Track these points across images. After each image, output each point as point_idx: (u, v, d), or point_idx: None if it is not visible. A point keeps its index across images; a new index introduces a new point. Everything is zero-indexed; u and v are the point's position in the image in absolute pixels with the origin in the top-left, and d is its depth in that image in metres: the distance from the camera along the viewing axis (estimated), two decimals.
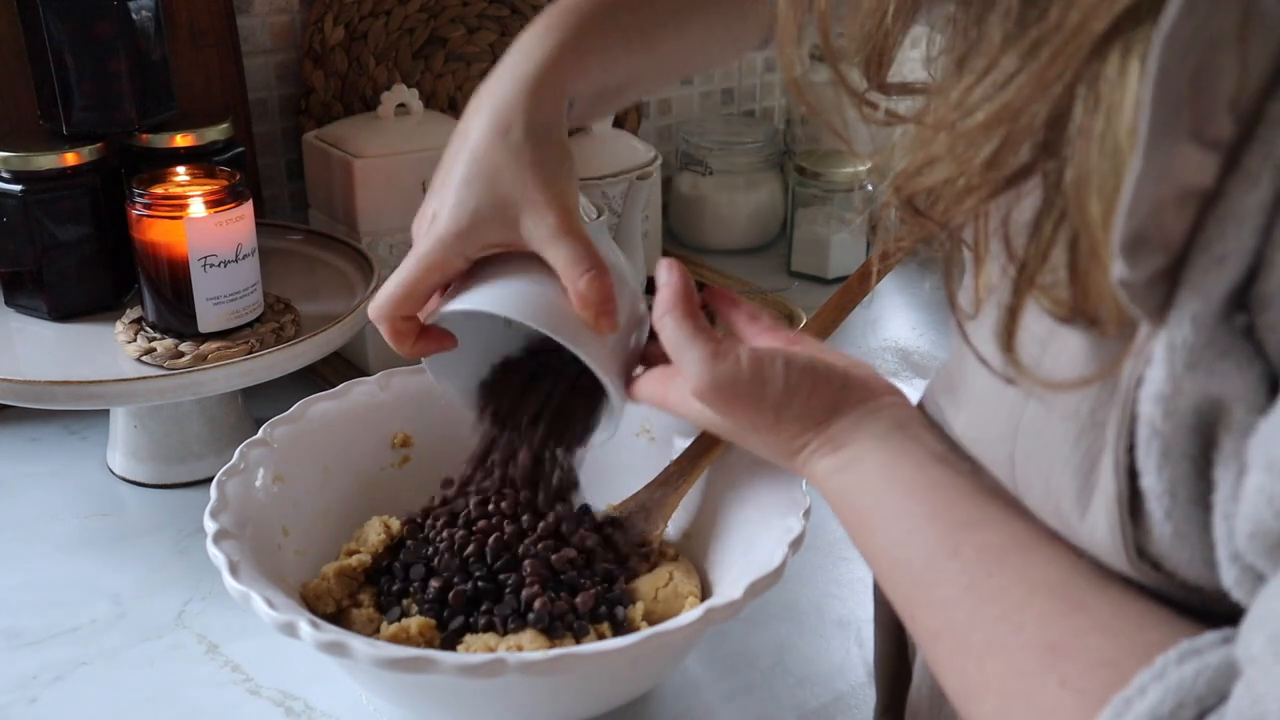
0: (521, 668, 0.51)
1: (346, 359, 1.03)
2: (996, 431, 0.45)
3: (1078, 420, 0.39)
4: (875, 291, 1.25)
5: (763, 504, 0.65)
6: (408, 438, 0.74)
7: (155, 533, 0.83)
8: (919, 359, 1.11)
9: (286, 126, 1.14)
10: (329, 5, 1.10)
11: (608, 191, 1.09)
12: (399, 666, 0.51)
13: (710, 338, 0.52)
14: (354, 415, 0.72)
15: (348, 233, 0.99)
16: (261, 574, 0.58)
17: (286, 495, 0.67)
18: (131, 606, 0.76)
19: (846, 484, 0.49)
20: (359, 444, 0.72)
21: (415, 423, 0.74)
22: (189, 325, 0.84)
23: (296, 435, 0.69)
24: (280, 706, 0.67)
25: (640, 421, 0.72)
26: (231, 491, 0.63)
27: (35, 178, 0.87)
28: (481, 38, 1.19)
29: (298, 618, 0.53)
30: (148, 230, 0.82)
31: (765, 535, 0.62)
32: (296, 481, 0.68)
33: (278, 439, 0.68)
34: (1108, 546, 0.38)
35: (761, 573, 0.57)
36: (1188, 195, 0.32)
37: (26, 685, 0.69)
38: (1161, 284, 0.33)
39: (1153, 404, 0.34)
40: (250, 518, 0.63)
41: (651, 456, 0.72)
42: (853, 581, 0.79)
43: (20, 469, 0.91)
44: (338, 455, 0.71)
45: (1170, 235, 0.32)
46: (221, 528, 0.60)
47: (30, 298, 0.91)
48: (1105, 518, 0.37)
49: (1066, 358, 0.39)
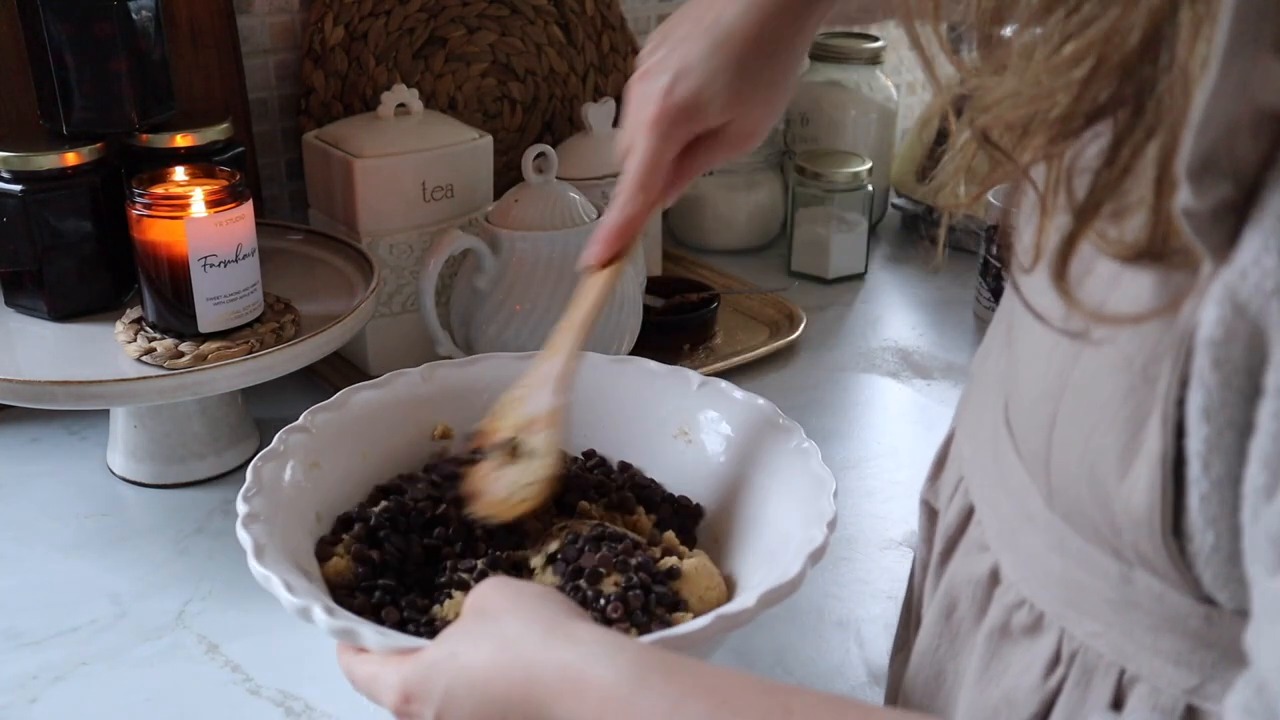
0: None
1: (346, 359, 1.03)
2: (1040, 390, 0.42)
3: (1129, 373, 0.36)
4: (875, 291, 1.25)
5: (788, 511, 0.64)
6: (449, 429, 0.74)
7: (155, 533, 0.83)
8: (919, 359, 1.11)
9: (286, 126, 1.14)
10: (329, 5, 1.09)
11: (608, 191, 1.09)
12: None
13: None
14: (395, 405, 0.72)
15: (348, 233, 0.99)
16: (285, 558, 0.58)
17: (322, 481, 0.67)
18: (131, 606, 0.76)
19: (613, 670, 0.43)
20: (399, 434, 0.72)
21: (457, 415, 0.74)
22: (189, 325, 0.84)
23: (337, 423, 0.69)
24: (280, 706, 0.67)
25: (679, 424, 0.73)
26: (267, 475, 0.63)
27: (35, 178, 0.87)
28: (481, 38, 1.19)
29: (313, 602, 0.53)
30: (148, 230, 0.82)
31: (785, 546, 0.61)
32: (333, 468, 0.68)
33: (318, 425, 0.68)
34: (1142, 513, 0.36)
35: (778, 582, 0.56)
36: (1264, 117, 0.29)
37: (26, 685, 0.69)
38: (1228, 217, 0.30)
39: (1204, 350, 0.32)
40: (282, 503, 0.62)
41: (689, 457, 0.72)
42: (853, 581, 0.79)
43: (20, 469, 0.91)
44: (376, 444, 0.71)
45: (1242, 162, 0.30)
46: (251, 510, 0.59)
47: (30, 298, 0.91)
48: (1146, 479, 0.36)
49: (1129, 301, 0.37)
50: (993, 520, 0.49)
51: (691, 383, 0.73)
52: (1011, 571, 0.47)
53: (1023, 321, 0.43)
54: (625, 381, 0.75)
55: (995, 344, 0.53)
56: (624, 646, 0.44)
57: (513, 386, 0.67)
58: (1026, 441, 0.44)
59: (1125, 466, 0.37)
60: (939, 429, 0.60)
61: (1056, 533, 0.43)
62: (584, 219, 0.96)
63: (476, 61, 1.19)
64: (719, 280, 1.21)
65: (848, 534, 0.84)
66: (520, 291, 0.94)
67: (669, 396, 0.73)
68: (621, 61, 1.28)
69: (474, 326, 0.96)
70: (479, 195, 1.02)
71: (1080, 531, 0.42)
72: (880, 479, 0.91)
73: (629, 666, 0.42)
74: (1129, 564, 0.40)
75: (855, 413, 1.02)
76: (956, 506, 0.53)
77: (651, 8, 1.36)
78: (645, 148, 0.62)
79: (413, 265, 1.00)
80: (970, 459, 0.53)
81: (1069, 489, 0.41)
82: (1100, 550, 0.41)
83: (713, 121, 0.63)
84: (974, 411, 0.54)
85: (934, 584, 0.54)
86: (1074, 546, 0.42)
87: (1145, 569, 0.39)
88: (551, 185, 0.97)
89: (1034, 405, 0.43)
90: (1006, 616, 0.47)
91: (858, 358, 1.11)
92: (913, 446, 0.96)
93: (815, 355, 1.11)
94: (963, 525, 0.53)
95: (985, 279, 1.16)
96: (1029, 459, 0.44)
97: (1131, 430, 0.37)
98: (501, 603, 0.48)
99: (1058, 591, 0.44)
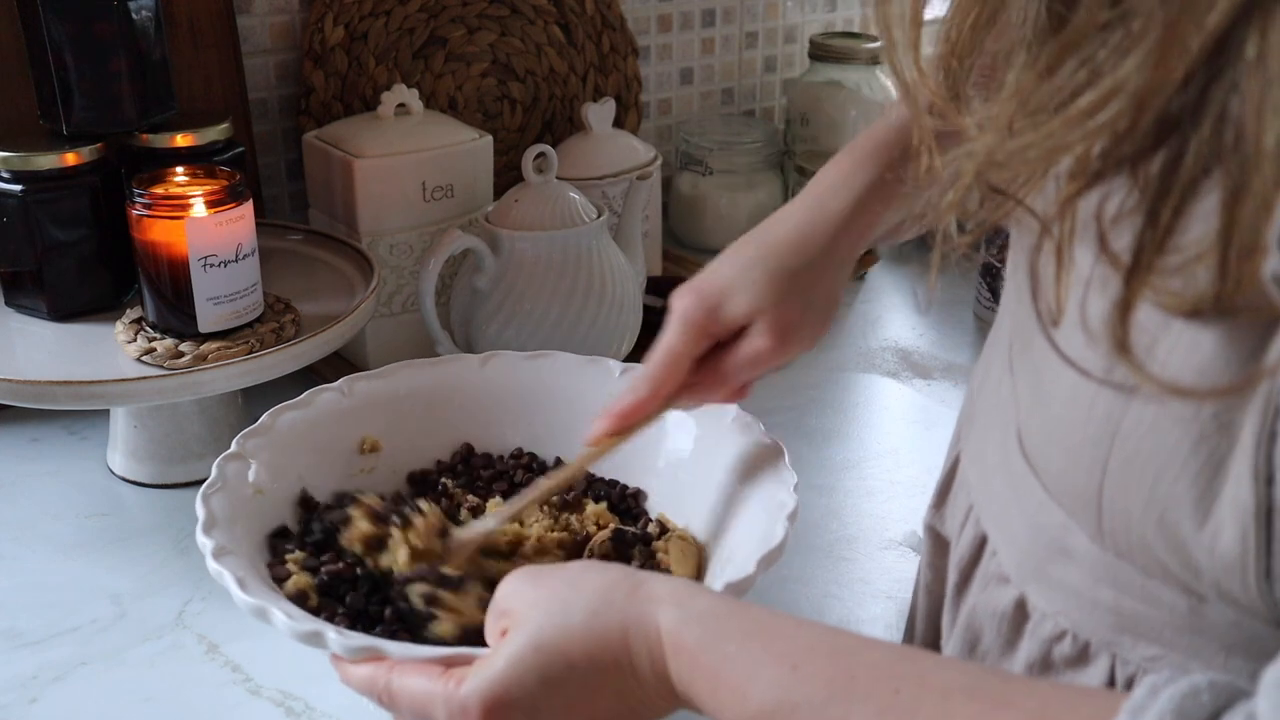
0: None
1: (346, 359, 1.03)
2: (1082, 436, 0.41)
3: (1198, 423, 0.36)
4: (875, 291, 1.25)
5: (752, 494, 0.65)
6: (376, 442, 0.73)
7: (155, 533, 0.83)
8: (919, 359, 1.11)
9: (286, 126, 1.14)
10: (329, 5, 1.09)
11: (608, 191, 1.09)
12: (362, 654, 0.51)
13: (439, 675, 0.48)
14: (319, 423, 0.71)
15: (348, 233, 0.99)
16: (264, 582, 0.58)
17: (268, 506, 0.66)
18: (131, 606, 0.76)
19: (700, 637, 0.43)
20: (328, 451, 0.71)
21: (382, 427, 0.74)
22: (189, 325, 0.84)
23: (268, 446, 0.68)
24: (280, 706, 0.67)
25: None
26: (217, 506, 0.61)
27: (35, 178, 0.87)
28: (481, 38, 1.19)
29: (324, 628, 0.52)
30: (148, 230, 0.82)
31: (762, 516, 0.62)
32: (274, 493, 0.67)
33: (249, 450, 0.67)
34: (1231, 560, 0.35)
35: (768, 547, 0.57)
36: None
37: (26, 685, 0.69)
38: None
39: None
40: (239, 528, 0.62)
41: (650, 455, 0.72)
42: (853, 581, 0.79)
43: (20, 469, 0.91)
44: (309, 464, 0.70)
45: None
46: (218, 544, 0.58)
47: (30, 298, 0.91)
48: (1232, 528, 0.35)
49: (1182, 353, 0.36)
50: (1011, 552, 0.48)
51: (613, 371, 0.74)
52: (1045, 604, 0.46)
53: (1046, 361, 0.42)
54: (546, 377, 0.75)
55: (994, 366, 0.52)
56: (703, 607, 0.44)
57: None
58: (1062, 481, 0.43)
59: (1203, 514, 0.36)
60: (939, 429, 0.60)
61: (1108, 568, 0.42)
62: (584, 219, 0.96)
63: (476, 61, 1.19)
64: None
65: (848, 534, 0.84)
66: (520, 291, 0.94)
67: (592, 386, 0.73)
68: (621, 61, 1.28)
69: (474, 326, 0.96)
70: (479, 195, 1.02)
71: (1143, 569, 0.41)
72: (880, 479, 0.91)
73: (711, 631, 0.43)
74: (1199, 598, 0.39)
75: (855, 413, 1.02)
76: (969, 536, 0.52)
77: (651, 8, 1.36)
78: (664, 339, 0.62)
79: (413, 265, 1.00)
80: (978, 485, 0.52)
81: (1129, 531, 0.40)
82: (1165, 585, 0.40)
83: (734, 317, 0.61)
84: (979, 436, 0.53)
85: (951, 617, 0.54)
86: (1133, 582, 0.41)
87: (1223, 602, 0.38)
88: (551, 185, 0.97)
89: (1077, 450, 0.42)
90: (1046, 649, 0.46)
91: (858, 358, 1.11)
92: (913, 446, 0.96)
93: (815, 355, 1.10)
94: (976, 556, 0.52)
95: (985, 279, 1.16)
96: (1068, 498, 0.43)
97: (1208, 477, 0.36)
98: (556, 584, 0.47)
99: (1107, 619, 0.43)
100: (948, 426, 0.63)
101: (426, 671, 0.48)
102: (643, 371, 0.62)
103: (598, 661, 0.44)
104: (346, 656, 0.51)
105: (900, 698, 0.37)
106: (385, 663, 0.50)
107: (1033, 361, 0.45)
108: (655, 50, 1.38)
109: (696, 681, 0.42)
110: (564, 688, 0.44)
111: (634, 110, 1.32)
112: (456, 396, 0.75)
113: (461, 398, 0.75)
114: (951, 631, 0.53)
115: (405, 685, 0.49)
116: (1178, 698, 0.32)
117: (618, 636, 0.44)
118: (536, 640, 0.45)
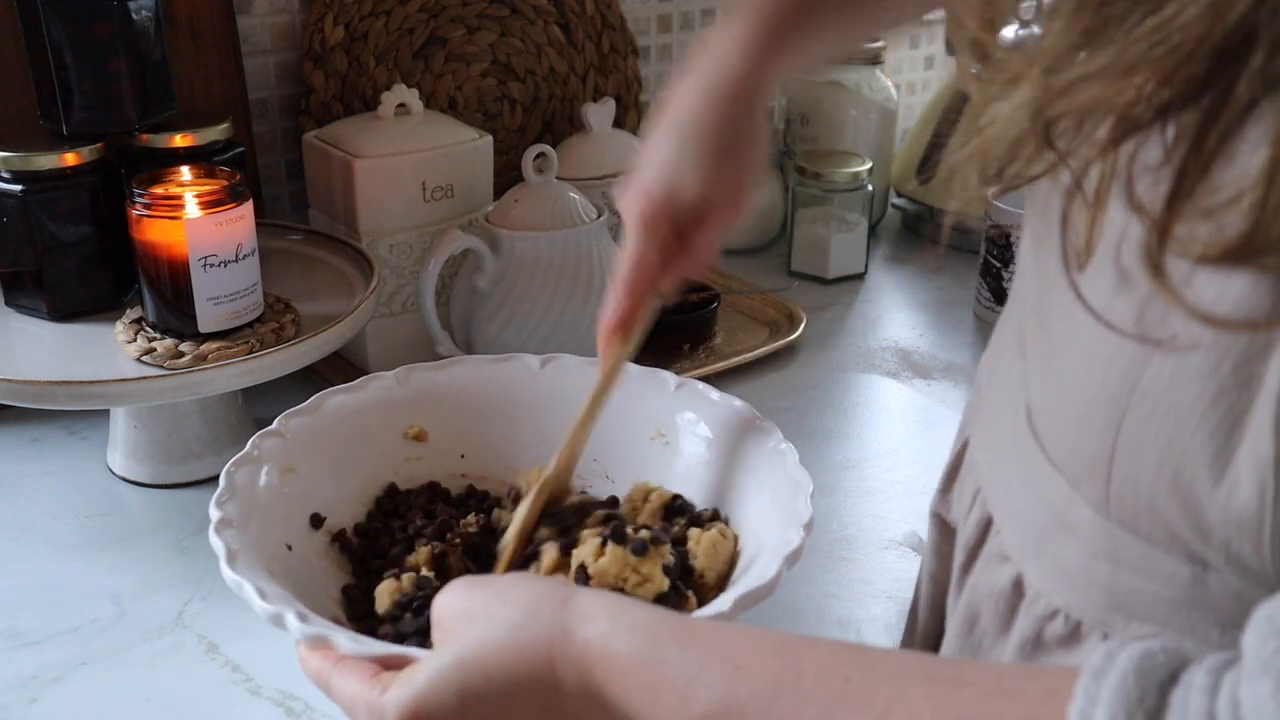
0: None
1: (346, 359, 1.03)
2: (1099, 397, 0.40)
3: (1216, 378, 0.35)
4: (875, 291, 1.25)
5: (765, 514, 0.64)
6: (423, 431, 0.74)
7: (155, 533, 0.83)
8: (919, 359, 1.11)
9: (286, 126, 1.14)
10: (329, 5, 1.09)
11: (608, 191, 1.09)
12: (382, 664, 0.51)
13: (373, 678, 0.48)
14: (370, 409, 0.72)
15: (348, 233, 0.99)
16: (260, 565, 0.58)
17: (297, 486, 0.67)
18: (131, 606, 0.76)
19: (635, 646, 0.42)
20: (374, 437, 0.72)
21: (431, 417, 0.74)
22: (189, 325, 0.84)
23: (311, 427, 0.69)
24: (280, 706, 0.67)
25: (656, 425, 0.73)
26: (240, 481, 0.63)
27: (35, 178, 0.87)
28: (481, 38, 1.19)
29: (287, 609, 0.53)
30: (148, 230, 0.82)
31: (761, 549, 0.61)
32: (308, 473, 0.68)
33: (292, 430, 0.68)
34: (1247, 516, 0.35)
35: (754, 585, 0.55)
36: None
37: (26, 685, 0.69)
38: None
39: None
40: (256, 508, 0.62)
41: (667, 458, 0.72)
42: (853, 581, 0.79)
43: (20, 469, 0.91)
44: (352, 448, 0.70)
45: None
46: (225, 516, 0.59)
47: (30, 298, 0.91)
48: (1250, 483, 0.35)
49: (1213, 294, 0.35)
50: (1013, 530, 0.48)
51: (669, 384, 0.72)
52: (1039, 582, 0.46)
53: (1063, 327, 0.41)
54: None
55: (1005, 350, 0.52)
56: (635, 617, 0.43)
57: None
58: (1071, 449, 0.43)
59: (1220, 470, 0.36)
60: (939, 429, 0.60)
61: (1109, 540, 0.42)
62: (584, 219, 0.96)
63: (476, 61, 1.19)
64: (719, 280, 1.20)
65: (848, 534, 0.84)
66: (520, 291, 0.94)
67: (646, 399, 0.73)
68: (621, 61, 1.28)
69: (474, 326, 0.96)
70: (479, 195, 1.02)
71: (1146, 537, 0.40)
72: (880, 479, 0.91)
73: (646, 639, 0.42)
74: (1203, 566, 0.39)
75: (855, 413, 1.02)
76: (975, 518, 0.52)
77: (651, 8, 1.36)
78: (628, 245, 0.64)
79: (413, 265, 1.00)
80: (987, 468, 0.52)
81: (1138, 495, 0.40)
82: (1169, 554, 0.40)
83: (688, 202, 0.63)
84: (988, 420, 0.53)
85: (955, 597, 0.54)
86: (1132, 552, 0.41)
87: (1230, 569, 0.38)
88: (551, 185, 0.97)
89: (1087, 411, 0.41)
90: (1038, 628, 0.46)
91: (858, 358, 1.11)
92: (913, 446, 0.96)
93: (815, 355, 1.11)
94: (981, 537, 0.52)
95: (985, 279, 1.16)
96: (1073, 467, 0.43)
97: (1226, 431, 0.36)
98: (487, 596, 0.47)
99: (1100, 598, 0.43)
100: (948, 426, 0.63)
101: (360, 672, 0.49)
102: (619, 281, 0.64)
103: (517, 677, 0.43)
104: (304, 642, 0.51)
105: (852, 685, 0.37)
106: (332, 655, 0.50)
107: (1047, 335, 0.45)
108: (655, 50, 1.38)
109: (633, 692, 0.41)
110: (481, 703, 0.44)
111: (634, 110, 1.32)
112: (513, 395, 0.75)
113: (521, 396, 0.75)
114: (954, 611, 0.53)
115: (340, 683, 0.49)
116: (1135, 658, 0.32)
117: (541, 651, 0.43)
118: (458, 654, 0.45)
